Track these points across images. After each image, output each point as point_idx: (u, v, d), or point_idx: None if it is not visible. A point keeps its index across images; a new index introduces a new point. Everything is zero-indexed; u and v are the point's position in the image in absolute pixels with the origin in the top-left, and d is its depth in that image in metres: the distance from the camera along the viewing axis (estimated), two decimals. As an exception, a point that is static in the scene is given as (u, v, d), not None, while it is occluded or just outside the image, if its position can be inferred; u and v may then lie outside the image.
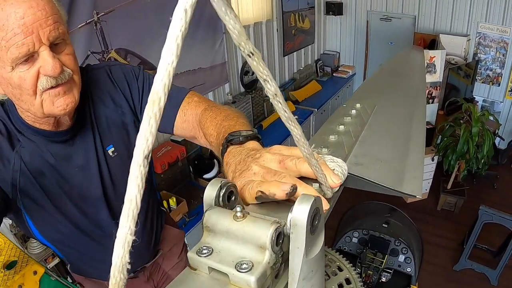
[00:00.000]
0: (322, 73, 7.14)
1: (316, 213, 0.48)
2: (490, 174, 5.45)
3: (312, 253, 0.48)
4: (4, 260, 1.82)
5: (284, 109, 0.47)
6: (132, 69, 1.38)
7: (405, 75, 1.66)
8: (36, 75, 1.03)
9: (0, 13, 0.95)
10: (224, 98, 4.86)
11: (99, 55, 3.26)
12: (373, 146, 0.91)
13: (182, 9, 0.33)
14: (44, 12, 0.98)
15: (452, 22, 5.94)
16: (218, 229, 0.51)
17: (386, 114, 1.13)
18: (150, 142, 0.33)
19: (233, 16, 0.37)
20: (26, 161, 1.20)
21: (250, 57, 0.41)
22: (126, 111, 1.35)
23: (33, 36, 0.98)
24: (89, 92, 1.30)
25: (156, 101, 0.33)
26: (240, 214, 0.50)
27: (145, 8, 3.50)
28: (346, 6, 6.85)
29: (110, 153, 1.35)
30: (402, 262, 3.18)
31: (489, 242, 4.22)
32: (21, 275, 1.93)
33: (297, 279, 0.47)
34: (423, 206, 5.22)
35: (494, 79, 5.91)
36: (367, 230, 3.33)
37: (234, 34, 0.38)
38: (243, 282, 0.47)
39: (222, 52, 4.58)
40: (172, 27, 0.33)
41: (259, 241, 0.48)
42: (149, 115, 0.33)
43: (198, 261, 0.50)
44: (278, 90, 0.45)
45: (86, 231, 1.40)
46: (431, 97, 5.11)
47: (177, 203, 3.56)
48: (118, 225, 0.34)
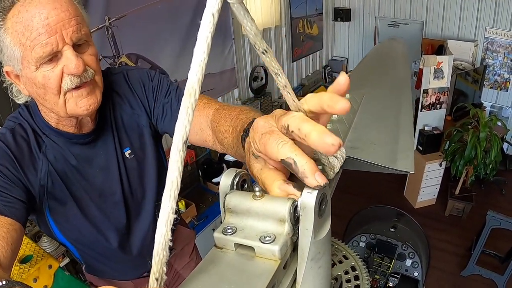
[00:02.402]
0: (330, 79, 7.15)
1: (324, 197, 0.52)
2: (498, 179, 5.43)
3: (320, 235, 0.52)
4: (20, 254, 1.87)
5: (293, 99, 0.54)
6: (147, 72, 1.42)
7: (388, 64, 1.72)
8: (60, 74, 1.07)
9: (25, 14, 1.00)
10: (233, 103, 4.89)
11: (111, 60, 3.32)
12: (366, 131, 0.98)
13: (210, 13, 0.39)
14: (68, 13, 1.03)
15: (459, 27, 5.95)
16: (239, 209, 0.56)
17: (374, 101, 1.20)
18: (188, 129, 0.39)
19: (250, 19, 0.44)
20: (51, 161, 1.24)
21: (264, 54, 0.48)
22: (142, 114, 1.39)
23: (56, 35, 1.02)
24: (109, 95, 1.34)
25: (192, 94, 0.39)
26: (259, 194, 0.55)
27: (156, 14, 3.55)
28: (354, 12, 6.89)
29: (127, 155, 1.39)
30: (409, 267, 3.19)
31: (497, 248, 4.21)
32: (36, 268, 1.99)
33: (306, 258, 0.51)
34: (431, 212, 5.22)
35: (502, 84, 5.91)
36: (374, 234, 3.34)
37: (251, 34, 0.45)
38: (269, 253, 0.52)
39: (231, 58, 4.64)
40: (202, 29, 0.39)
41: (278, 215, 0.53)
42: (186, 106, 0.38)
43: (225, 239, 0.55)
44: (287, 82, 0.52)
45: (105, 231, 1.44)
46: (439, 102, 5.12)
47: (186, 206, 3.60)
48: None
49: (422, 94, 5.00)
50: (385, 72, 1.62)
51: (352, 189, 5.07)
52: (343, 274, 0.77)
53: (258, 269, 0.52)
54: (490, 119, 4.52)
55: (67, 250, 2.40)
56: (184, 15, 3.84)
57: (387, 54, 1.94)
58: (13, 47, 1.04)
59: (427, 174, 5.02)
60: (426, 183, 5.13)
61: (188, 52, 3.97)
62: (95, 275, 1.69)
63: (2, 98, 2.28)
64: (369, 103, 1.16)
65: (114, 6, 3.22)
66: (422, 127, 5.10)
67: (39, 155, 1.23)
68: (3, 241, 0.99)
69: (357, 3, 6.83)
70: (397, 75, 1.55)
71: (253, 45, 0.47)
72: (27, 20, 1.00)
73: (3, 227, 1.02)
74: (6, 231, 1.02)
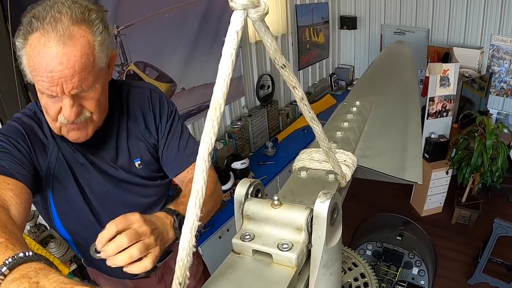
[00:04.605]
0: (336, 87, 7.17)
1: (335, 207, 0.55)
2: (505, 187, 5.41)
3: (332, 243, 0.55)
4: (29, 259, 1.89)
5: (308, 110, 0.59)
6: (169, 104, 1.51)
7: (396, 69, 1.75)
8: (58, 110, 1.16)
9: (37, 56, 1.06)
10: (240, 112, 4.94)
11: (119, 67, 3.34)
12: (375, 140, 1.03)
13: (234, 31, 0.42)
14: (72, 71, 1.08)
15: (465, 35, 5.95)
16: (258, 216, 0.59)
17: (384, 110, 1.26)
18: (213, 140, 0.42)
19: (270, 35, 0.48)
20: (61, 149, 1.32)
21: (282, 68, 0.52)
22: (153, 134, 1.47)
23: (57, 87, 1.08)
24: (125, 105, 1.40)
25: (218, 107, 0.42)
26: (277, 202, 0.58)
27: (164, 22, 3.58)
28: (360, 20, 6.91)
29: (137, 165, 1.46)
30: (415, 275, 3.18)
31: (504, 256, 4.19)
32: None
33: (318, 265, 0.54)
34: (437, 220, 5.20)
35: (508, 91, 5.89)
36: (381, 242, 3.34)
37: (271, 50, 0.49)
38: (286, 260, 0.55)
39: (238, 66, 4.65)
40: (226, 46, 0.43)
41: (296, 223, 0.56)
42: (211, 119, 0.42)
43: (242, 246, 0.58)
44: (304, 95, 0.58)
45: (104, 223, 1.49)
46: (445, 110, 5.12)
47: (193, 213, 3.61)
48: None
49: (428, 102, 5.00)
50: (393, 78, 1.65)
51: (358, 198, 5.07)
52: (353, 281, 0.79)
53: (276, 275, 0.54)
54: (496, 127, 4.51)
55: (74, 255, 2.42)
56: (191, 23, 3.87)
57: (395, 58, 1.96)
58: (26, 68, 1.12)
59: (433, 182, 5.02)
60: (432, 191, 5.12)
61: (195, 60, 4.00)
62: (93, 268, 1.77)
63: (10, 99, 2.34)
64: (379, 111, 1.20)
65: (122, 14, 3.25)
66: (429, 135, 5.09)
67: (50, 141, 1.31)
68: (17, 198, 1.05)
69: (363, 11, 6.85)
70: (405, 80, 1.58)
71: (273, 60, 0.51)
72: (36, 64, 1.06)
73: (16, 188, 1.09)
74: (20, 191, 1.09)
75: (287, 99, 5.98)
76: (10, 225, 0.87)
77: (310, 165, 0.83)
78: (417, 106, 1.31)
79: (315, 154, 0.85)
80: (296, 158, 0.90)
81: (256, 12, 0.43)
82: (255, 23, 0.45)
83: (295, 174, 0.85)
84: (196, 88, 4.10)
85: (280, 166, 4.64)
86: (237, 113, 4.91)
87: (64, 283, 0.50)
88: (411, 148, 0.98)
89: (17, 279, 0.55)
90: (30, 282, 0.53)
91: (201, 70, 4.10)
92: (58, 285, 0.50)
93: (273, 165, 4.66)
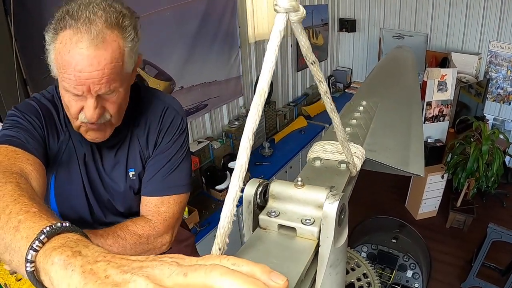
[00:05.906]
0: (334, 89, 7.20)
1: (343, 208, 0.58)
2: (500, 192, 5.46)
3: (339, 243, 0.59)
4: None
5: (330, 103, 0.66)
6: (180, 125, 1.46)
7: (399, 74, 1.84)
8: (80, 108, 1.16)
9: (66, 54, 1.06)
10: (238, 111, 4.96)
11: (119, 66, 3.34)
12: (381, 137, 1.13)
13: (278, 30, 0.49)
14: (101, 73, 1.08)
15: (464, 40, 6.00)
16: (282, 195, 0.65)
17: (388, 110, 1.36)
18: (257, 122, 0.48)
19: (305, 35, 0.55)
20: (72, 137, 1.33)
21: (312, 64, 0.59)
22: (149, 149, 1.44)
23: (84, 87, 1.09)
24: (139, 114, 1.41)
25: (262, 94, 0.48)
26: (300, 183, 0.64)
27: (164, 20, 3.59)
28: (359, 23, 6.95)
29: (131, 175, 1.45)
30: (410, 278, 3.20)
31: (498, 261, 4.22)
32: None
33: (325, 265, 0.57)
34: (432, 223, 5.24)
35: (505, 97, 5.94)
36: (376, 245, 3.36)
37: (304, 48, 0.57)
38: (309, 233, 0.60)
39: (237, 66, 4.67)
40: (271, 42, 0.49)
41: (317, 202, 0.61)
42: (257, 103, 0.48)
43: (269, 221, 0.63)
44: (328, 89, 0.64)
45: (97, 215, 1.49)
46: (442, 115, 5.15)
47: (189, 212, 3.62)
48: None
49: (426, 106, 5.04)
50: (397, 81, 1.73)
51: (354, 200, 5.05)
52: (356, 281, 0.82)
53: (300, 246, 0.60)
54: (492, 132, 4.54)
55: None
56: (191, 22, 3.88)
57: (397, 63, 2.03)
58: (53, 63, 1.12)
59: (429, 186, 5.05)
60: (427, 195, 5.15)
61: (194, 59, 4.02)
62: None
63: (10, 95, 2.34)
64: (383, 111, 1.29)
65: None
66: (425, 139, 5.12)
67: (63, 128, 1.32)
68: (37, 173, 1.05)
69: (362, 14, 6.89)
70: (408, 84, 1.66)
71: (304, 56, 0.58)
72: (65, 61, 1.06)
73: (35, 163, 1.09)
74: (38, 167, 1.09)
75: (284, 100, 6.00)
76: (38, 198, 0.86)
77: (323, 156, 0.93)
78: (419, 108, 1.38)
79: (328, 146, 0.94)
80: (310, 150, 0.99)
81: (296, 15, 0.50)
82: (293, 24, 0.52)
83: (310, 164, 0.93)
84: (194, 86, 4.11)
85: (277, 167, 4.66)
86: (235, 113, 4.93)
87: (106, 253, 0.50)
88: (414, 145, 1.09)
89: (58, 247, 0.54)
90: (72, 250, 0.52)
91: (200, 69, 4.11)
92: (99, 255, 0.50)
93: (270, 165, 4.69)
